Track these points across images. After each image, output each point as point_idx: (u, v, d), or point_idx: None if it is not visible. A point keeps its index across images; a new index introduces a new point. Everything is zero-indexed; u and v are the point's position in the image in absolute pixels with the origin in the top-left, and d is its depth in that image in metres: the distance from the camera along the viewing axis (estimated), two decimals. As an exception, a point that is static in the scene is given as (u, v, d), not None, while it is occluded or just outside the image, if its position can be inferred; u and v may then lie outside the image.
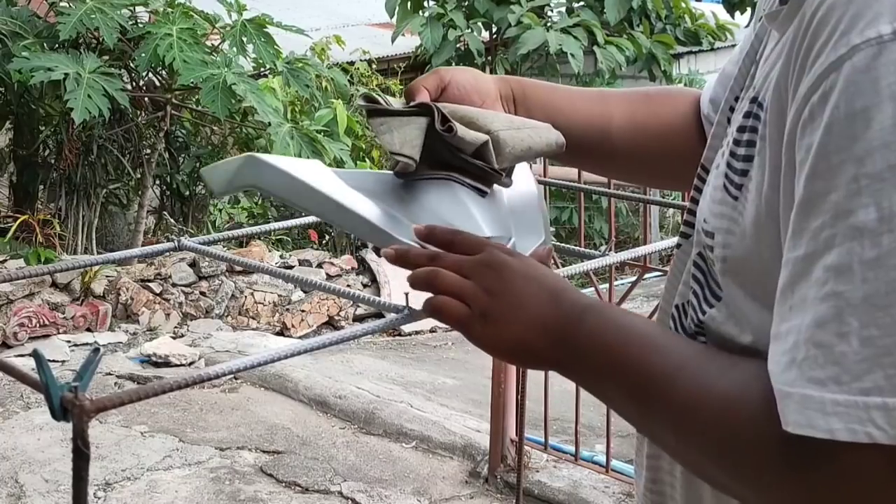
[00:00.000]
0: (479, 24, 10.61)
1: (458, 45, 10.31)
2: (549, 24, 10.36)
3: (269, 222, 6.02)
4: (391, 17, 10.78)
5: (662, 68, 10.57)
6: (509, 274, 0.81)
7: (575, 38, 9.96)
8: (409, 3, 10.64)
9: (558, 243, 1.39)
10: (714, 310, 0.76)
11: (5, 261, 5.37)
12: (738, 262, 0.71)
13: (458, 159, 1.02)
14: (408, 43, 10.59)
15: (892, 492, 0.55)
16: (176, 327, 5.44)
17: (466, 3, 10.58)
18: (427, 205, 0.99)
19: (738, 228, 0.70)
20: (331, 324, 5.81)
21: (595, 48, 10.09)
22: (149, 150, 6.62)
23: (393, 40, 10.40)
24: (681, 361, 0.70)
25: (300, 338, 5.46)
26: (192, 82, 5.69)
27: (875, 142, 0.56)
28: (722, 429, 0.64)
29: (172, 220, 6.57)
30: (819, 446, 0.57)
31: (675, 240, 0.86)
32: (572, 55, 9.81)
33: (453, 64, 10.65)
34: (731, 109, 0.80)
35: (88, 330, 5.15)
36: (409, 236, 0.94)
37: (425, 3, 10.92)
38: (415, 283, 0.87)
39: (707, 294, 0.77)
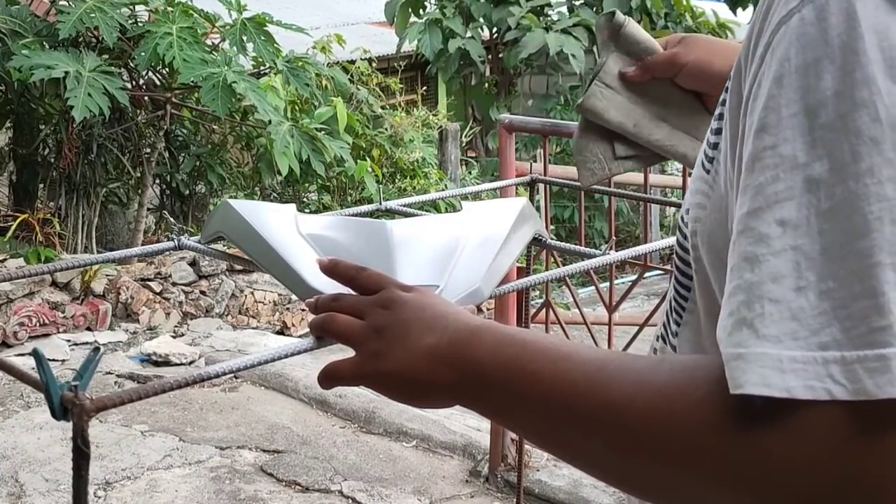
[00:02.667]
0: (476, 27, 10.63)
1: (460, 56, 10.35)
2: (548, 25, 10.36)
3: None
4: (390, 24, 10.80)
5: None
6: (399, 308, 0.79)
7: (575, 38, 9.97)
8: (408, 8, 10.66)
9: (558, 242, 1.38)
10: (689, 302, 0.74)
11: (5, 260, 5.37)
12: (706, 236, 0.69)
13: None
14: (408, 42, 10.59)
15: (851, 448, 0.53)
16: (176, 326, 5.44)
17: (464, 7, 10.58)
18: (357, 251, 1.00)
19: (709, 202, 0.69)
20: (331, 323, 5.81)
21: (595, 47, 10.10)
22: (149, 149, 6.62)
23: (398, 49, 10.40)
24: (601, 363, 0.66)
25: (300, 337, 5.46)
26: (192, 81, 5.69)
27: (827, 92, 0.55)
28: (667, 420, 0.59)
29: (172, 219, 6.55)
30: (773, 408, 0.54)
31: (675, 238, 0.84)
32: (573, 55, 9.81)
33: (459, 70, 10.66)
34: None
35: (88, 329, 5.15)
36: (336, 290, 0.93)
37: (426, 5, 10.92)
38: (313, 331, 0.86)
39: (679, 288, 0.75)
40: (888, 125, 0.54)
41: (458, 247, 1.06)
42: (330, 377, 0.83)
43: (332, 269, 0.89)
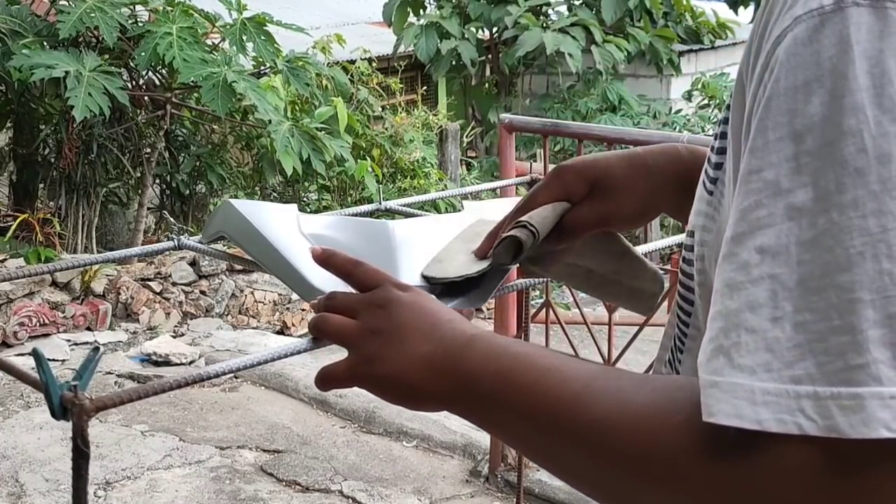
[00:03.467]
0: (474, 28, 10.64)
1: (453, 57, 10.36)
2: (546, 24, 10.37)
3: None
4: (389, 26, 10.81)
5: (666, 60, 10.58)
6: (396, 310, 0.79)
7: (573, 37, 9.97)
8: (406, 7, 10.66)
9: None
10: (690, 328, 0.73)
11: (5, 260, 5.37)
12: (713, 260, 0.66)
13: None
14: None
15: (822, 486, 0.52)
16: (176, 326, 5.43)
17: (463, 6, 10.59)
18: (359, 251, 1.00)
19: (714, 225, 0.68)
20: (331, 322, 5.80)
21: (593, 47, 10.10)
22: (149, 149, 6.62)
23: (395, 51, 10.41)
24: (588, 380, 0.66)
25: (300, 336, 5.45)
26: (192, 81, 5.69)
27: (815, 117, 0.54)
28: (647, 441, 0.59)
29: (172, 219, 6.55)
30: (747, 438, 0.53)
31: (676, 238, 0.82)
32: (570, 55, 9.81)
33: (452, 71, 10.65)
34: None
35: (88, 329, 5.15)
36: (338, 289, 0.92)
37: (425, 4, 10.92)
38: (310, 330, 0.86)
39: (681, 314, 0.75)
40: (874, 156, 0.52)
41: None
42: (326, 380, 0.83)
43: (326, 261, 0.87)
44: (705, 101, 11.01)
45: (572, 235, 0.91)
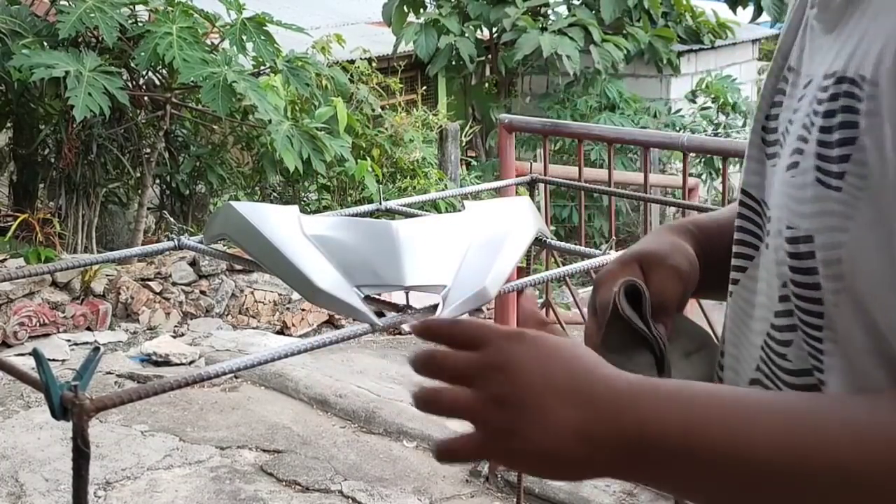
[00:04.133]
0: (473, 27, 10.63)
1: (451, 53, 10.36)
2: (544, 26, 10.36)
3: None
4: (388, 25, 10.81)
5: (666, 60, 10.57)
6: (517, 371, 0.67)
7: (570, 38, 9.96)
8: (405, 7, 10.65)
9: (559, 242, 1.38)
10: (826, 343, 0.65)
11: (5, 260, 5.37)
12: (860, 263, 0.61)
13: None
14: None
15: None
16: (176, 326, 5.43)
17: (462, 6, 10.59)
18: (363, 252, 0.99)
19: (851, 223, 0.61)
20: (331, 322, 5.81)
21: (591, 47, 10.10)
22: (149, 149, 6.62)
23: (394, 50, 10.41)
24: (787, 424, 0.59)
25: (300, 336, 5.46)
26: (192, 81, 5.70)
27: None
28: None
29: (172, 219, 6.53)
30: None
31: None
32: (567, 57, 9.80)
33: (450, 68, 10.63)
34: (781, 91, 0.72)
35: (88, 329, 5.15)
36: (343, 291, 0.91)
37: (425, 4, 10.92)
38: (418, 406, 0.72)
39: (809, 327, 0.67)
40: None
41: (463, 247, 1.06)
42: (449, 456, 0.71)
43: (424, 332, 0.75)
44: (708, 103, 10.99)
45: (663, 310, 0.83)
